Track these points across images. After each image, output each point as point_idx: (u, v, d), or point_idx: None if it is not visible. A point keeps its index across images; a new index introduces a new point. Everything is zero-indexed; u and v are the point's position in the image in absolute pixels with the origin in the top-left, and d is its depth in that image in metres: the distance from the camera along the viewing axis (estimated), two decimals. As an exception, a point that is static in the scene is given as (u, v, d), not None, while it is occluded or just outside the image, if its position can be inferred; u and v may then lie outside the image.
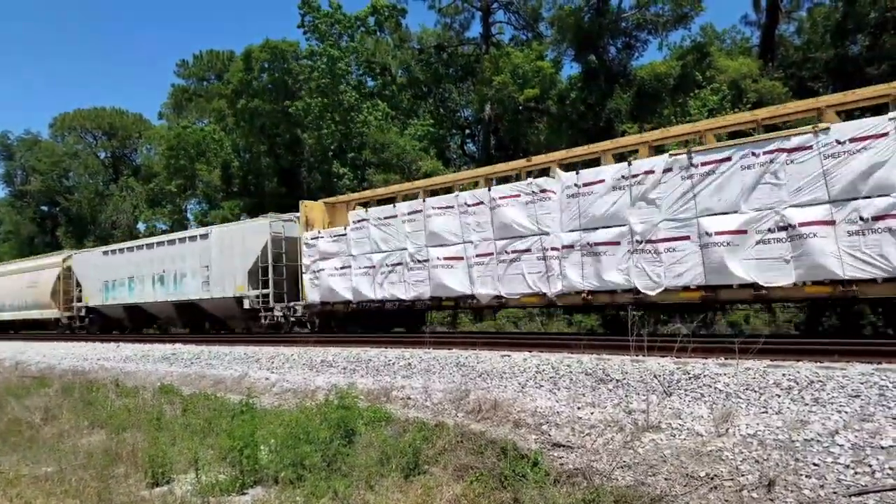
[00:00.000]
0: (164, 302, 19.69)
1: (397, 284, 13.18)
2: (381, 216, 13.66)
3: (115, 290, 21.60)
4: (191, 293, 18.54)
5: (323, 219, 15.93)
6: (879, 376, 5.99)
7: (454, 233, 12.24)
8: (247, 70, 29.22)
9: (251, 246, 16.75)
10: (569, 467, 5.95)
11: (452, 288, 12.16)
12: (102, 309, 22.72)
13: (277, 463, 6.60)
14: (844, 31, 21.94)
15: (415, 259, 12.85)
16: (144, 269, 20.26)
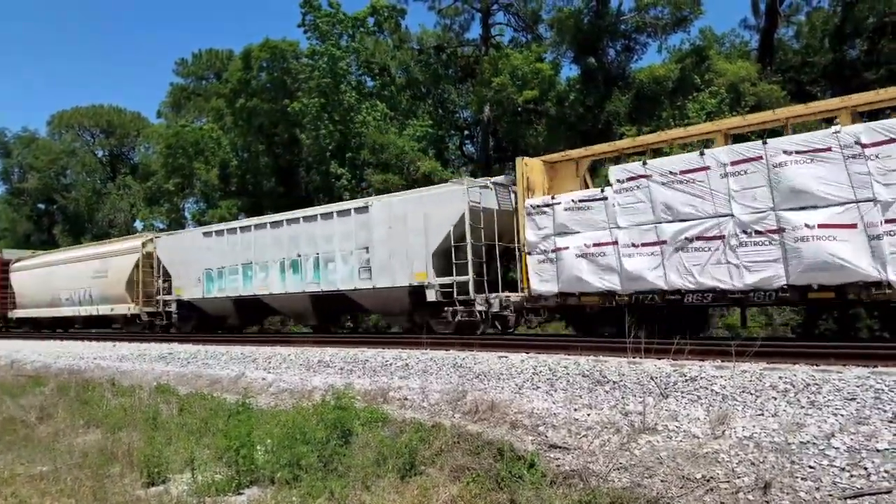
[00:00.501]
0: (298, 294, 15.47)
1: (713, 267, 9.32)
2: (675, 169, 9.92)
3: (222, 279, 17.18)
4: (340, 283, 14.42)
5: (543, 182, 12.44)
6: (875, 379, 6.01)
7: (837, 185, 8.38)
8: (246, 69, 29.18)
9: (438, 220, 12.89)
10: (565, 469, 5.95)
11: (847, 265, 8.17)
12: (201, 303, 18.36)
13: (274, 463, 6.59)
14: (843, 35, 22.02)
15: (751, 229, 9.05)
16: (268, 252, 15.98)
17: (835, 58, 22.08)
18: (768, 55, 23.05)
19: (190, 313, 18.97)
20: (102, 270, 21.74)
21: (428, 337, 11.58)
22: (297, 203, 24.30)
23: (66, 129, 51.31)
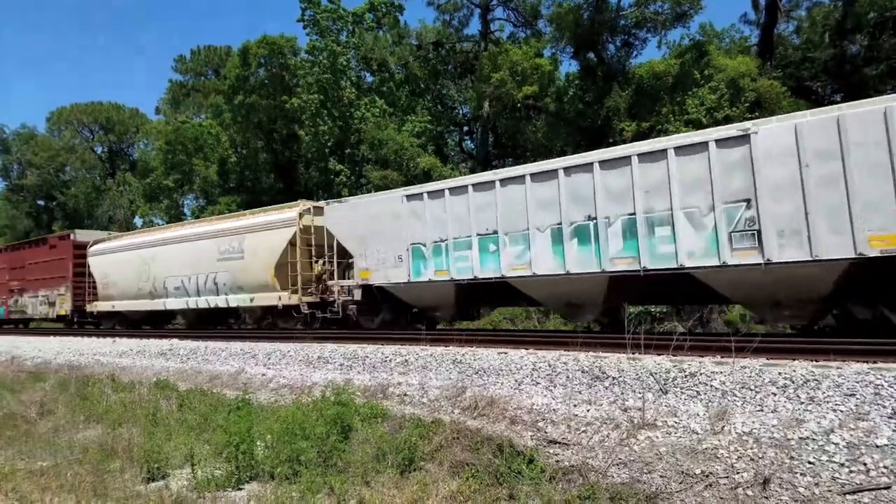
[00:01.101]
0: (589, 275, 10.42)
1: None
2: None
3: (442, 256, 12.32)
4: (686, 257, 9.23)
5: None
6: (875, 375, 6.01)
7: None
8: (244, 66, 29.14)
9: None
10: (564, 464, 5.96)
11: None
12: (400, 290, 13.29)
13: (273, 458, 6.60)
14: (843, 30, 21.97)
15: None
16: (527, 217, 11.10)
17: (835, 53, 22.04)
18: (768, 51, 22.99)
19: (379, 304, 14.25)
20: (235, 250, 16.86)
21: (427, 333, 11.58)
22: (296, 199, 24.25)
23: (66, 126, 51.26)
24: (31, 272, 24.99)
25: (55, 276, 23.58)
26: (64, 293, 23.25)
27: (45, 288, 24.20)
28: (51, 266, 23.92)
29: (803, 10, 25.22)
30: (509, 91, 23.75)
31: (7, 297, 26.46)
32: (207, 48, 43.93)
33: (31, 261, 25.01)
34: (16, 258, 26.23)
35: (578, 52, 25.07)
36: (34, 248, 25.57)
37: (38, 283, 24.48)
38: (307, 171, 30.13)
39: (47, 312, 23.97)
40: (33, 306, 24.89)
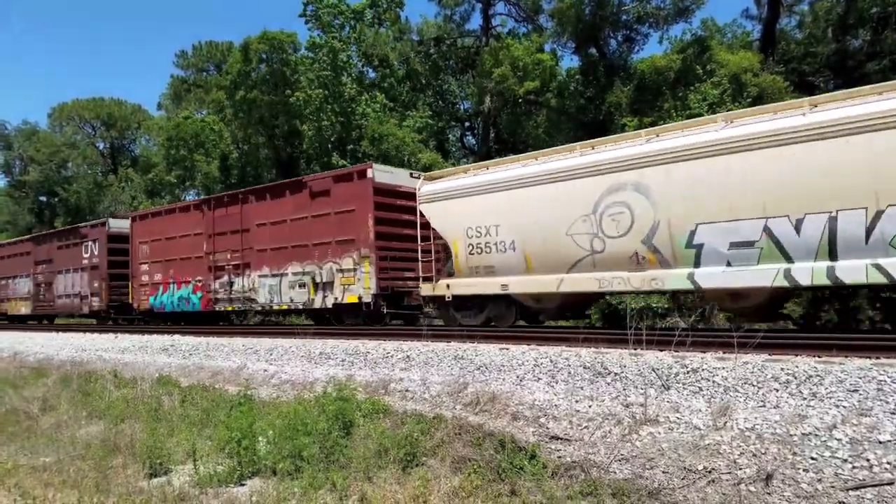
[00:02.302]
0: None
1: None
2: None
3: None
4: None
5: None
6: (878, 371, 6.00)
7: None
8: (245, 61, 29.07)
9: None
10: (566, 460, 5.96)
11: None
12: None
13: (275, 454, 6.61)
14: (846, 25, 21.87)
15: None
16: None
17: (837, 48, 21.95)
18: (770, 46, 22.91)
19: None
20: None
21: (429, 328, 11.59)
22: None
23: (67, 122, 51.19)
24: (265, 235, 15.87)
25: (332, 239, 14.21)
26: (353, 267, 13.76)
27: (301, 260, 14.95)
28: (320, 224, 14.54)
29: (805, 4, 25.14)
30: (511, 86, 23.71)
31: (210, 276, 17.12)
32: (209, 44, 43.86)
33: (270, 218, 15.75)
34: (230, 215, 16.61)
35: (580, 48, 25.00)
36: (279, 199, 15.64)
37: (287, 255, 15.32)
38: (308, 166, 30.09)
39: (305, 300, 14.83)
40: (273, 292, 15.61)
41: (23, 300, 26.21)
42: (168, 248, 18.70)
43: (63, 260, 23.62)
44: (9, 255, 27.46)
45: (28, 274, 25.74)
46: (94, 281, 22.11)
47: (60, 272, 23.76)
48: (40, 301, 24.86)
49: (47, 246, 24.68)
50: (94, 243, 22.25)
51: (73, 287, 23.17)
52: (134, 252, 20.05)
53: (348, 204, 14.05)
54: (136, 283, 19.84)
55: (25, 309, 26.07)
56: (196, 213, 17.95)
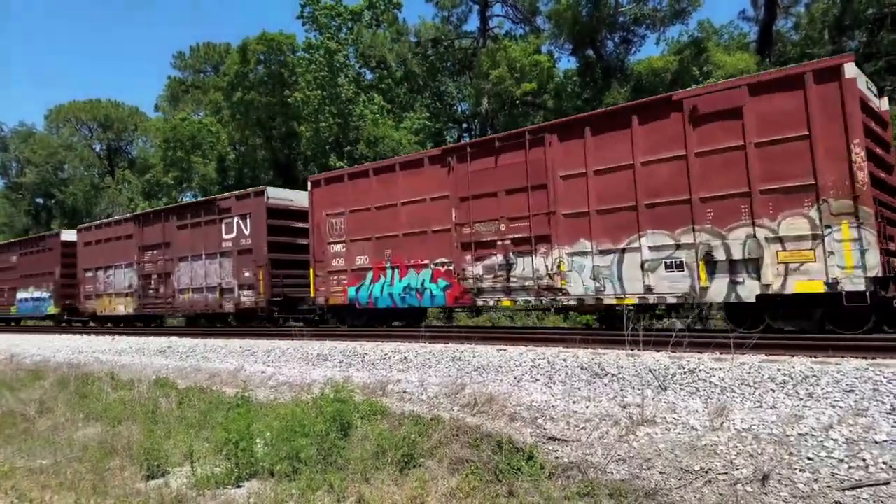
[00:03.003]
0: None
1: None
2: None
3: None
4: None
5: None
6: (874, 371, 6.02)
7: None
8: (243, 62, 29.07)
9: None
10: (564, 461, 5.97)
11: None
12: None
13: (273, 456, 6.60)
14: (842, 27, 21.95)
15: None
16: None
17: (834, 49, 21.99)
18: (767, 47, 22.98)
19: None
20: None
21: (426, 330, 11.59)
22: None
23: (64, 124, 51.13)
24: (584, 190, 10.52)
25: (761, 187, 8.69)
26: (811, 233, 8.33)
27: (670, 226, 9.55)
28: (717, 165, 9.13)
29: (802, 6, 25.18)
30: (508, 88, 23.73)
31: (464, 256, 12.04)
32: (206, 45, 43.85)
33: (600, 164, 10.33)
34: (506, 167, 11.51)
35: (577, 49, 25.05)
36: (615, 133, 10.17)
37: (639, 218, 9.87)
38: (306, 168, 30.09)
39: (688, 288, 9.34)
40: (605, 277, 10.25)
41: (121, 297, 20.63)
42: (379, 220, 13.41)
43: (189, 243, 18.16)
44: (100, 239, 21.69)
45: (130, 263, 20.15)
46: (245, 269, 16.61)
47: (185, 259, 18.29)
48: (149, 298, 19.42)
49: (161, 226, 19.14)
50: (242, 220, 16.78)
51: (206, 278, 17.62)
52: (318, 228, 14.66)
53: (791, 126, 8.50)
54: (323, 270, 14.50)
55: (125, 308, 20.42)
56: (433, 168, 12.57)
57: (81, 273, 22.18)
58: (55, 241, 24.04)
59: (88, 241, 22.06)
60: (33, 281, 24.86)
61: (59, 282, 23.40)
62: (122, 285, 20.37)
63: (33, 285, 24.95)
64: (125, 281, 20.28)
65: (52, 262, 23.88)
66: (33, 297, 24.90)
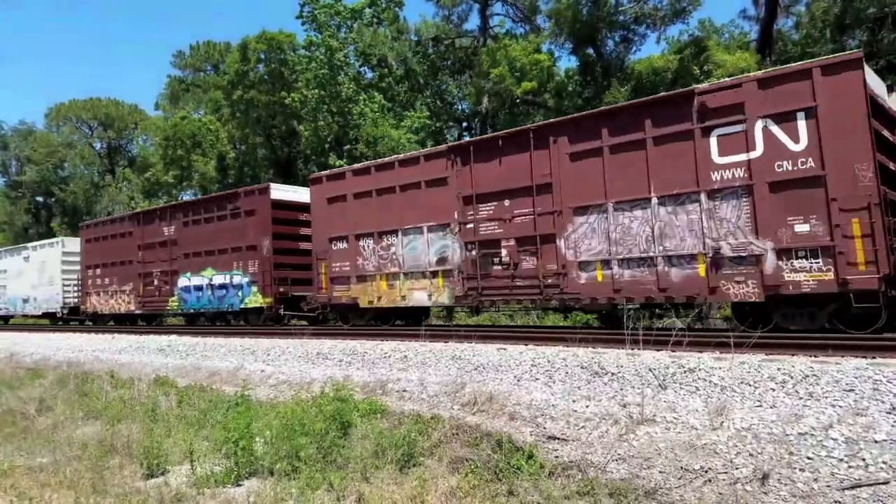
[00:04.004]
0: None
1: None
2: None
3: None
4: None
5: None
6: (873, 370, 6.02)
7: None
8: (243, 61, 29.05)
9: None
10: (564, 460, 5.96)
11: None
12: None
13: (273, 455, 6.60)
14: (843, 26, 21.92)
15: None
16: None
17: (835, 49, 21.97)
18: (768, 46, 22.95)
19: None
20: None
21: (426, 329, 11.61)
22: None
23: (64, 122, 51.13)
24: None
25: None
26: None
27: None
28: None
29: (803, 5, 25.14)
30: (508, 87, 23.70)
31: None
32: (207, 44, 43.81)
33: None
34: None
35: (577, 48, 25.02)
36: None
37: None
38: (306, 166, 30.09)
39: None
40: None
41: (417, 278, 12.49)
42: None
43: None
44: (367, 191, 14.48)
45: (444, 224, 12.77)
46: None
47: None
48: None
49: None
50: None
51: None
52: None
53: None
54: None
55: (435, 296, 12.72)
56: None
57: (326, 243, 14.48)
58: (260, 200, 16.68)
59: (338, 195, 14.37)
60: (212, 260, 17.67)
61: (267, 259, 16.28)
62: (423, 261, 12.70)
63: (213, 266, 17.73)
64: (429, 254, 12.62)
65: (253, 230, 16.62)
66: (214, 283, 17.65)
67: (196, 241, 18.31)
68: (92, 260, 22.46)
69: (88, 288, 22.59)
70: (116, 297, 21.32)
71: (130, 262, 20.53)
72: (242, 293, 16.96)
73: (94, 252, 22.31)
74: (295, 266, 16.61)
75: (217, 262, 17.68)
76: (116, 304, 21.34)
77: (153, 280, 19.66)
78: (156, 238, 19.65)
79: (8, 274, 28.52)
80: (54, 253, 25.67)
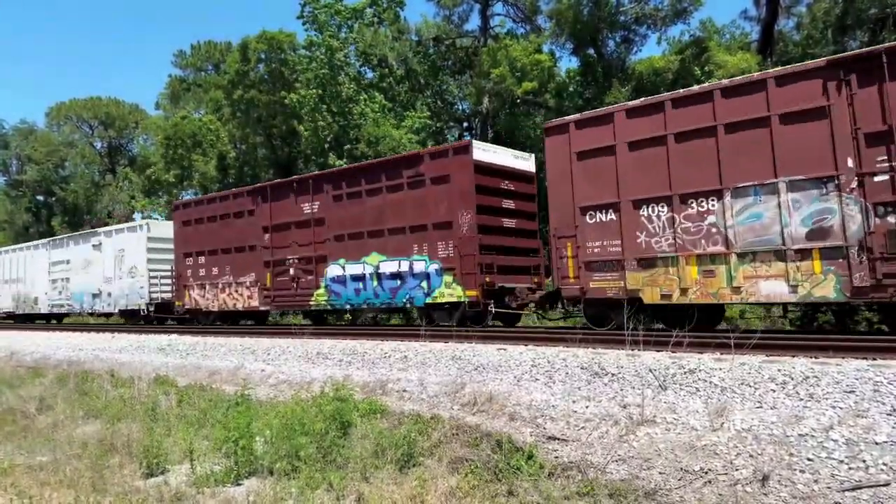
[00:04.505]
0: None
1: None
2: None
3: None
4: None
5: None
6: (874, 372, 6.01)
7: None
8: (243, 61, 29.05)
9: None
10: (563, 460, 5.96)
11: None
12: None
13: (272, 454, 6.60)
14: (844, 26, 21.92)
15: None
16: None
17: (836, 49, 21.95)
18: (769, 47, 22.96)
19: None
20: None
21: (426, 329, 11.57)
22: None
23: (65, 121, 51.16)
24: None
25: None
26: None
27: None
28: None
29: (804, 6, 25.14)
30: (509, 87, 23.71)
31: None
32: (208, 43, 43.83)
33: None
34: None
35: (578, 48, 25.04)
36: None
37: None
38: (306, 166, 30.08)
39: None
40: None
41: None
42: None
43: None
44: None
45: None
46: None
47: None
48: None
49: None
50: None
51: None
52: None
53: None
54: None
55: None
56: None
57: (575, 215, 11.00)
58: (457, 162, 12.80)
59: (597, 147, 10.78)
60: (378, 243, 13.88)
61: (469, 240, 12.40)
62: (775, 234, 8.90)
63: (379, 250, 13.86)
64: (792, 223, 8.79)
65: (446, 202, 12.83)
66: (382, 271, 13.77)
67: (353, 220, 14.27)
68: (191, 246, 18.51)
69: (187, 279, 18.50)
70: (230, 291, 17.18)
71: (251, 247, 16.53)
72: (429, 284, 12.89)
73: (195, 236, 18.45)
74: (500, 249, 12.89)
75: (386, 246, 13.64)
76: (230, 298, 17.20)
77: (288, 269, 15.60)
78: (291, 217, 15.64)
79: (72, 265, 24.08)
80: (137, 239, 21.42)
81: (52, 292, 25.21)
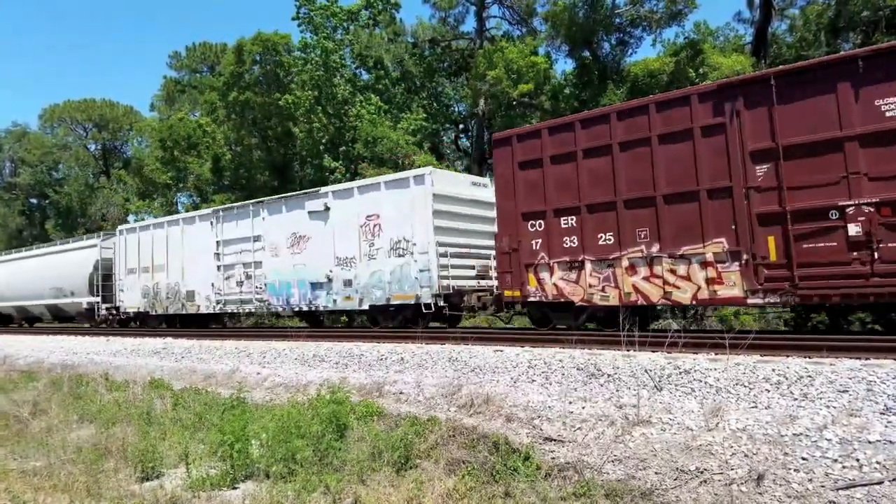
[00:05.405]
0: None
1: None
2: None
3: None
4: None
5: None
6: (867, 371, 6.05)
7: None
8: (238, 62, 29.01)
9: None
10: (560, 461, 5.97)
11: None
12: None
13: (269, 457, 6.58)
14: (837, 29, 22.07)
15: None
16: None
17: (829, 52, 22.10)
18: (762, 49, 23.11)
19: None
20: None
21: (423, 331, 11.57)
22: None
23: (59, 123, 50.97)
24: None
25: None
26: None
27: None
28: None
29: (797, 8, 25.33)
30: (505, 89, 23.77)
31: None
32: (203, 45, 43.79)
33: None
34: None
35: (574, 50, 25.14)
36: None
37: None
38: (302, 168, 30.05)
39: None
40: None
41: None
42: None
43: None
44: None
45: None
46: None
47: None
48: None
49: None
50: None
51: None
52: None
53: None
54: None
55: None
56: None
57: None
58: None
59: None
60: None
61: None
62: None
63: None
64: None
65: None
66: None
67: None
68: (543, 202, 11.13)
69: (532, 257, 11.24)
70: (653, 272, 9.81)
71: (717, 191, 9.19)
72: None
73: (547, 184, 11.12)
74: None
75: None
76: (654, 285, 9.85)
77: (834, 230, 8.21)
78: (832, 131, 8.27)
79: (266, 242, 16.35)
80: (411, 198, 13.48)
81: (222, 283, 17.34)
